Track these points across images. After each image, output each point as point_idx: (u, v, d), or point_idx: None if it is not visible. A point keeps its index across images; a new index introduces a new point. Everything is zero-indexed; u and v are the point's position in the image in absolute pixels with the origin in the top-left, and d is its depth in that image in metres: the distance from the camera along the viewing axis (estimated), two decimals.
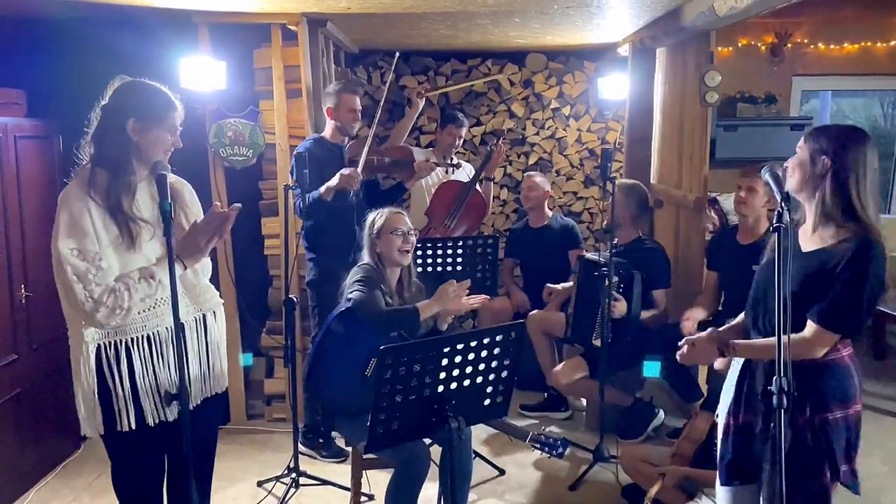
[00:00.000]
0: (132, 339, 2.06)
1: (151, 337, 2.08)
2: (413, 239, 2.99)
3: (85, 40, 3.90)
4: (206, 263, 2.28)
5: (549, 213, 4.58)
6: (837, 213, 1.99)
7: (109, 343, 2.05)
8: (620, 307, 3.60)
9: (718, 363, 2.34)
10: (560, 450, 2.73)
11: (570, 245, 4.48)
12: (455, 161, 4.53)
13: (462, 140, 4.64)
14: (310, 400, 3.78)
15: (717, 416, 2.91)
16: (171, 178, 2.20)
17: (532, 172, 4.75)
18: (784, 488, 1.62)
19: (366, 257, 3.00)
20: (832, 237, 2.01)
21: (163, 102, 2.07)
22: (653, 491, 2.83)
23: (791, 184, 2.09)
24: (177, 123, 2.10)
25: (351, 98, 3.75)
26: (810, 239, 2.08)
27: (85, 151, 2.10)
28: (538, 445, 2.75)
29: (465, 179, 4.54)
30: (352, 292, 2.84)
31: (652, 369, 3.61)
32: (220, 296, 4.04)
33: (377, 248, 2.96)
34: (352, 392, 2.78)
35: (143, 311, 2.06)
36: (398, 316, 2.81)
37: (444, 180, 4.54)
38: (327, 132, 3.82)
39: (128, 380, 2.05)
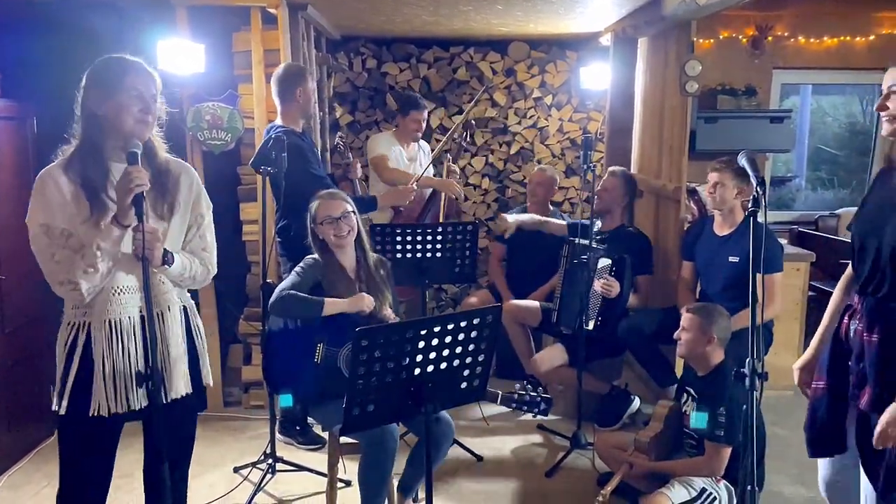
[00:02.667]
0: (104, 322, 2.02)
1: (112, 324, 2.02)
2: (348, 222, 2.87)
3: (61, 22, 3.84)
4: (183, 262, 2.13)
5: (551, 209, 4.58)
6: None
7: (81, 324, 2.03)
8: (615, 288, 3.66)
9: None
10: (542, 406, 2.51)
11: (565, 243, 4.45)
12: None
13: (425, 125, 4.61)
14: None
15: (685, 402, 2.96)
16: (172, 160, 2.15)
17: (544, 167, 4.69)
18: (753, 467, 1.62)
19: (312, 246, 2.95)
20: None
21: (116, 67, 2.01)
22: (614, 482, 2.83)
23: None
24: (141, 89, 2.01)
25: (311, 78, 3.68)
26: None
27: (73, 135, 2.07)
28: (514, 405, 2.55)
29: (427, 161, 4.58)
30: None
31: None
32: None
33: (319, 234, 2.92)
34: (309, 381, 2.75)
35: (111, 294, 2.01)
36: (300, 302, 2.74)
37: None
38: (293, 121, 3.59)
39: (100, 364, 2.01)
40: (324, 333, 2.76)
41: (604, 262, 3.76)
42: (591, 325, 3.72)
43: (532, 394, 2.54)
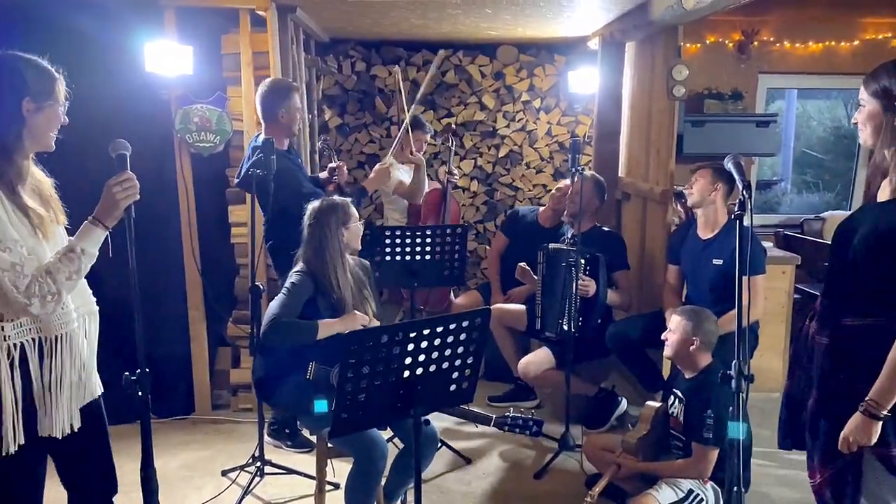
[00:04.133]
0: (56, 337, 1.91)
1: (69, 335, 1.93)
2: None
3: (47, 22, 3.82)
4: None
5: (564, 220, 4.58)
6: None
7: (33, 340, 1.88)
8: (591, 286, 3.70)
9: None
10: (534, 428, 2.61)
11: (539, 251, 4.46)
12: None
13: (426, 145, 4.73)
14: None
15: (672, 404, 2.98)
16: (37, 171, 1.98)
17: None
18: (740, 469, 1.64)
19: (309, 253, 2.84)
20: None
21: (50, 75, 1.90)
22: (602, 483, 2.84)
23: (865, 138, 1.92)
24: (63, 97, 1.91)
25: (298, 95, 3.58)
26: (888, 188, 1.91)
27: None
28: (507, 428, 2.64)
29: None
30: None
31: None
32: (187, 285, 4.05)
33: (343, 237, 2.84)
34: (300, 394, 2.74)
35: (64, 305, 1.91)
36: (293, 329, 2.71)
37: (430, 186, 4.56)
38: (278, 141, 3.41)
39: (54, 380, 1.91)
40: (316, 352, 2.73)
41: (580, 261, 3.77)
42: (572, 327, 3.72)
43: (525, 416, 2.60)
